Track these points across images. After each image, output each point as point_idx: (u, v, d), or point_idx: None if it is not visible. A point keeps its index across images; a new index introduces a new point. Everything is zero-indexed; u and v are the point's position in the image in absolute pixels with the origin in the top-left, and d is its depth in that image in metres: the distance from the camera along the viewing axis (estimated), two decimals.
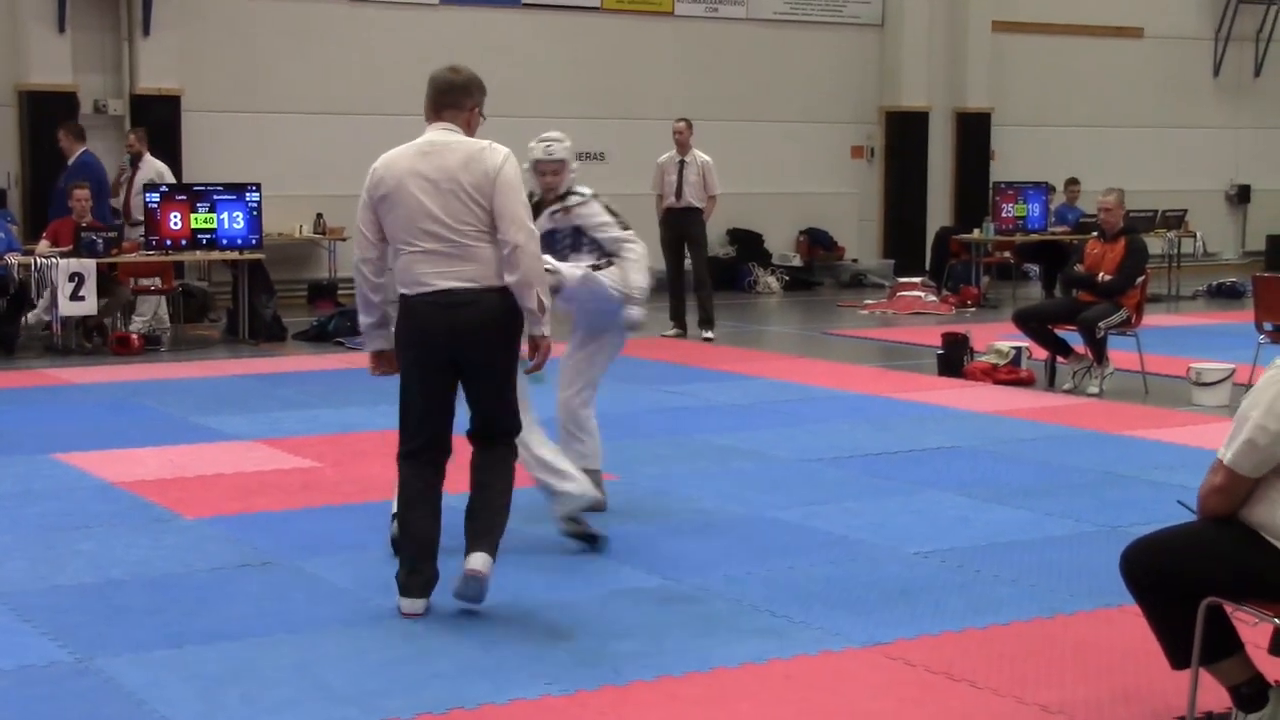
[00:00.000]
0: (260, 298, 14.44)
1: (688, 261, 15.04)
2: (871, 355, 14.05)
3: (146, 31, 16.44)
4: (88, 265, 12.96)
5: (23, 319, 13.54)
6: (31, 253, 13.29)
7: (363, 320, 5.99)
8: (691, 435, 9.54)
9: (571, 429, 7.31)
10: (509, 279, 5.63)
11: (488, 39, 18.69)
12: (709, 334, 14.67)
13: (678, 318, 14.95)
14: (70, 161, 14.31)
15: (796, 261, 20.64)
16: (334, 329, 14.42)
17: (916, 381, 11.97)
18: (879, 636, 5.53)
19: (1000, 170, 21.77)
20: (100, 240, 13.27)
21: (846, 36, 21.28)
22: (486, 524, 5.73)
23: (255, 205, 14.36)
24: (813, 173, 21.10)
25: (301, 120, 17.67)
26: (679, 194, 14.65)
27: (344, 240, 17.45)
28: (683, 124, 14.80)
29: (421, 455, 5.79)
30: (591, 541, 6.73)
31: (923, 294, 17.81)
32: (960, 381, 11.86)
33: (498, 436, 5.85)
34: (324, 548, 6.74)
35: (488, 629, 5.58)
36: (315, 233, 17.49)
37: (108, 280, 13.41)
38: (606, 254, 7.17)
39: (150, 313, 14.40)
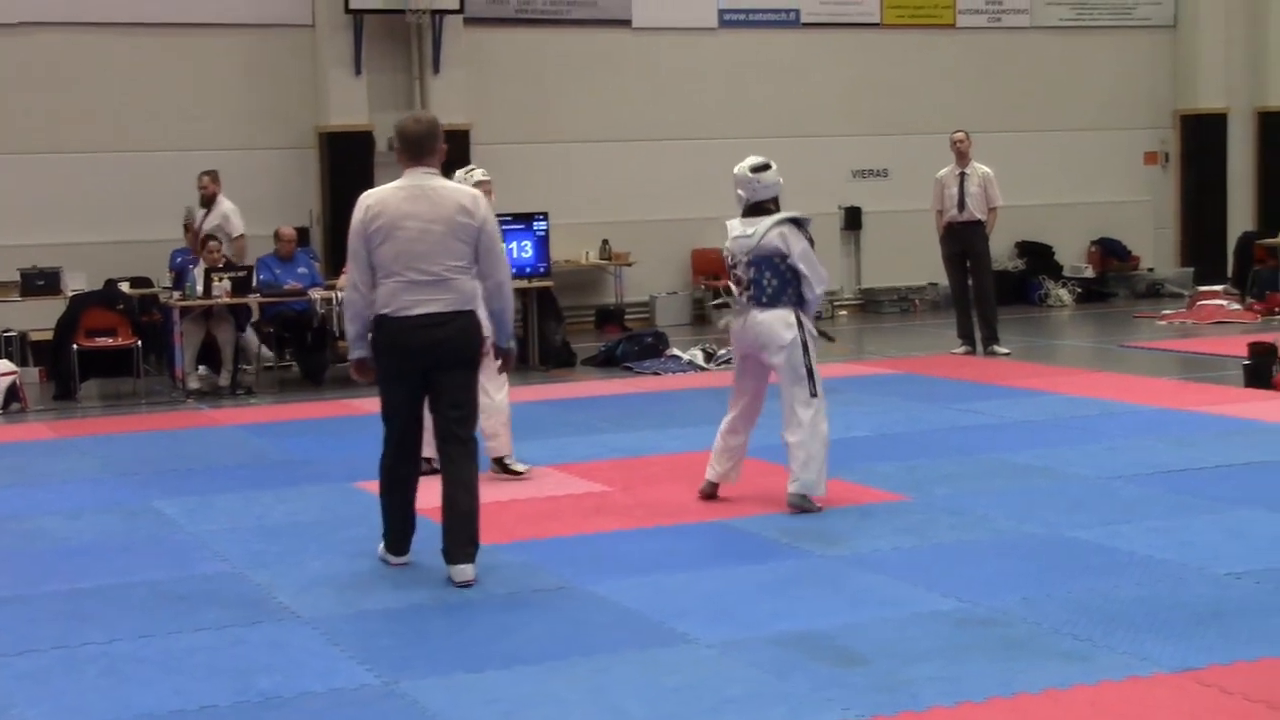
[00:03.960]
0: (549, 324, 14.70)
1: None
2: (1172, 368, 13.53)
3: (437, 69, 16.95)
4: None
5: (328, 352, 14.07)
6: (333, 288, 13.77)
7: (352, 331, 6.86)
8: (985, 453, 9.33)
9: None
10: (493, 307, 6.86)
11: (767, 59, 18.74)
12: (1003, 349, 14.33)
13: (965, 335, 14.63)
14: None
15: (1089, 273, 20.05)
16: (622, 354, 14.59)
17: (1221, 394, 11.47)
18: (1191, 661, 5.29)
19: None
20: None
21: (1136, 40, 20.62)
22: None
23: (543, 233, 14.65)
24: (1104, 181, 20.49)
25: (586, 148, 17.98)
26: (961, 206, 14.37)
27: (630, 265, 17.68)
28: (962, 134, 14.53)
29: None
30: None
31: (1225, 302, 17.07)
32: (1269, 393, 11.32)
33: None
34: (616, 571, 6.80)
35: (782, 653, 5.53)
36: (602, 259, 17.73)
37: None
38: None
39: None
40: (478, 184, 8.86)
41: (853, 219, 19.18)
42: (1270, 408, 10.66)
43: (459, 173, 9.12)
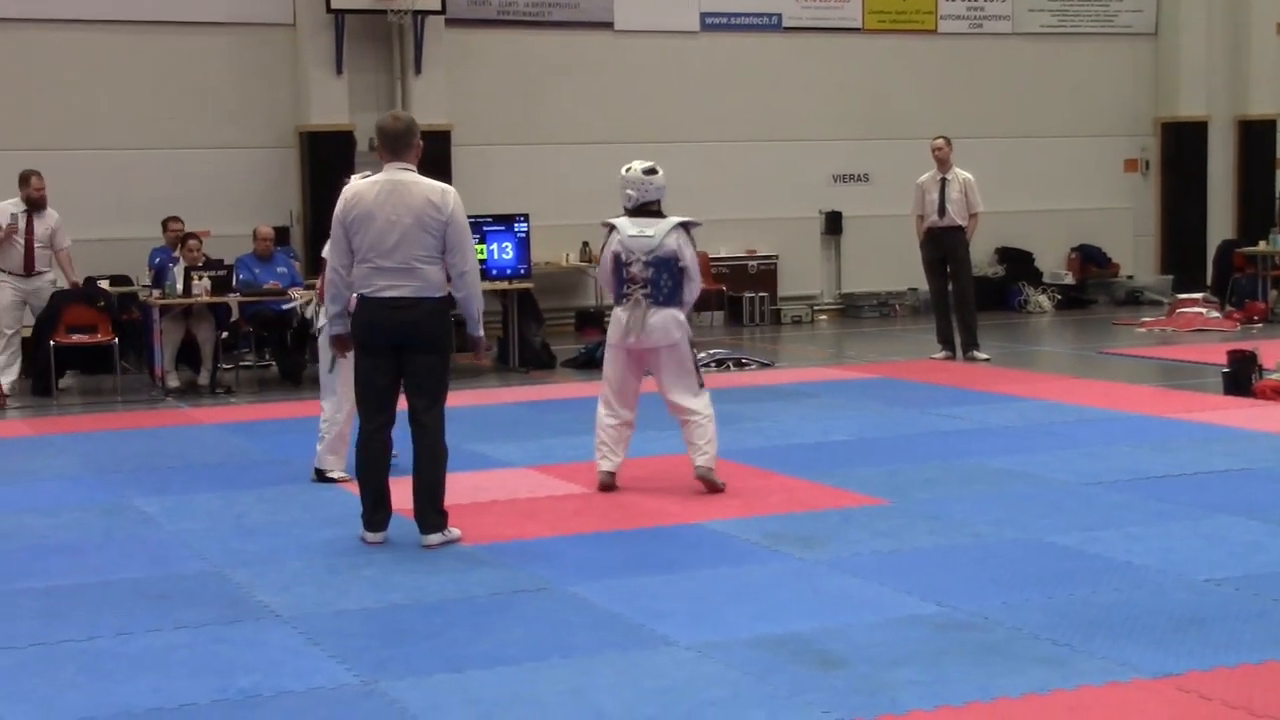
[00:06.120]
0: (530, 326, 14.70)
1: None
2: (1151, 375, 13.57)
3: (418, 70, 16.94)
4: None
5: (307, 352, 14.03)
6: (313, 287, 13.72)
7: (333, 310, 7.45)
8: (965, 459, 9.34)
9: None
10: (458, 295, 7.31)
11: (749, 63, 18.76)
12: (983, 355, 14.36)
13: (946, 340, 14.66)
14: None
15: (1068, 279, 20.14)
16: (602, 356, 14.54)
17: (1201, 401, 11.51)
18: (1169, 667, 5.30)
19: None
20: None
21: (1118, 46, 20.72)
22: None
23: (524, 235, 14.65)
24: (1084, 188, 20.57)
25: (567, 150, 17.97)
26: (942, 212, 14.39)
27: None
28: (942, 141, 14.55)
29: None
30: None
31: (1204, 310, 17.16)
32: (1249, 401, 11.38)
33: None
34: (597, 573, 6.79)
35: (762, 656, 5.53)
36: (582, 261, 17.73)
37: None
38: None
39: None
40: None
41: (833, 223, 19.21)
42: (1249, 415, 10.71)
43: None
